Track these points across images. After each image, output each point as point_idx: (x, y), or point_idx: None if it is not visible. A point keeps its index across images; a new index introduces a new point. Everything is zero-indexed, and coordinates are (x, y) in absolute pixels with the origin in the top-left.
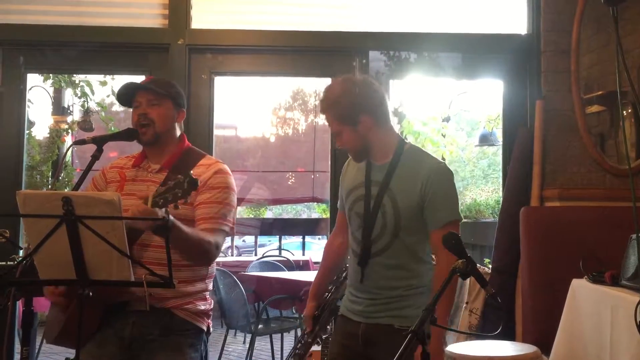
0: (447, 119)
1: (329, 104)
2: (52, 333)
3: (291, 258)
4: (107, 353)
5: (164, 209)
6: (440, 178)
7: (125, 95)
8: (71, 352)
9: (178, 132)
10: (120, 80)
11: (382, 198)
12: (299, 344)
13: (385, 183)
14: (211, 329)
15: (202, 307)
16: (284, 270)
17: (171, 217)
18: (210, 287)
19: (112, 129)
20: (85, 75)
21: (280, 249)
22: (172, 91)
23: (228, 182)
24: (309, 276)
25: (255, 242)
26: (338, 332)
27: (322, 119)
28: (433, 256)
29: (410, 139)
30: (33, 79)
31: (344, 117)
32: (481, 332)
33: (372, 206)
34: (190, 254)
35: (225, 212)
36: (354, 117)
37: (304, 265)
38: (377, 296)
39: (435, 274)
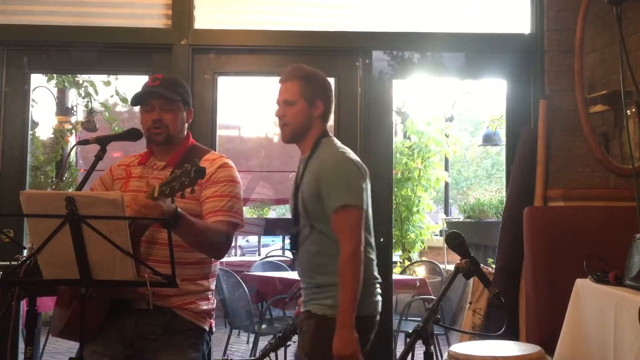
0: (450, 119)
1: (301, 75)
2: (57, 327)
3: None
4: (110, 352)
5: (169, 201)
6: (332, 166)
7: (138, 97)
8: (73, 352)
9: (186, 131)
10: (123, 81)
11: (298, 190)
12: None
13: (301, 177)
14: (214, 328)
15: (205, 307)
16: (287, 270)
17: (179, 210)
18: (213, 286)
19: (116, 129)
20: (89, 76)
21: (283, 248)
22: (182, 93)
23: (233, 176)
24: None
25: (259, 242)
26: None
27: None
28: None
29: (413, 139)
30: (37, 80)
31: (307, 93)
32: (485, 332)
33: (294, 199)
34: (202, 245)
35: (232, 205)
36: (315, 98)
37: None
38: (307, 284)
39: (340, 258)
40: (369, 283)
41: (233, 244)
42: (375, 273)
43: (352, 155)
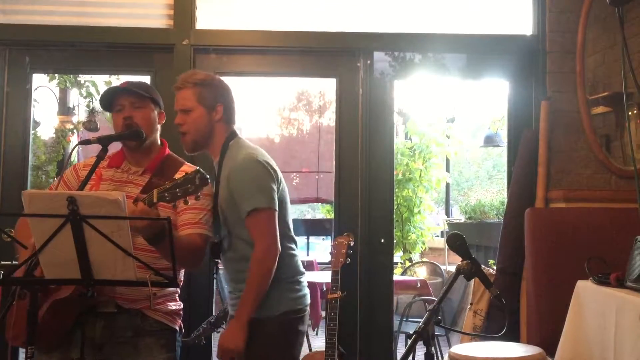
0: (451, 120)
1: (196, 81)
2: (19, 335)
3: None
4: (77, 357)
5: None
6: (240, 170)
7: (107, 99)
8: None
9: (159, 136)
10: (124, 81)
11: (217, 197)
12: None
13: (217, 183)
14: (183, 330)
15: (173, 307)
16: None
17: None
18: (179, 290)
19: None
20: (90, 76)
21: None
22: (152, 93)
23: (210, 190)
24: (314, 276)
25: None
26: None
27: (326, 120)
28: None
29: (415, 140)
30: (39, 79)
31: (205, 98)
32: (485, 333)
33: (214, 207)
34: (181, 259)
35: (208, 219)
36: (214, 102)
37: (308, 266)
38: (233, 290)
39: (252, 257)
40: (293, 280)
41: None
42: (300, 268)
43: (261, 155)
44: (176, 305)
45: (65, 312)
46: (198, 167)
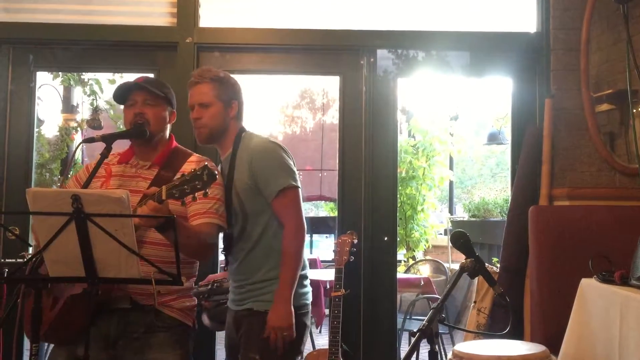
0: (455, 118)
1: (213, 77)
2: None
3: None
4: (91, 352)
5: (167, 204)
6: (262, 154)
7: (121, 93)
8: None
9: (168, 132)
10: (128, 79)
11: (231, 190)
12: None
13: (230, 176)
14: (196, 326)
15: (187, 304)
16: None
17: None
18: (192, 286)
19: (121, 127)
20: (94, 74)
21: None
22: (166, 92)
23: (219, 179)
24: (317, 274)
25: None
26: (226, 324)
27: (330, 118)
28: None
29: (418, 138)
30: (42, 77)
31: (222, 94)
32: (489, 331)
33: (227, 201)
34: (189, 250)
35: (217, 207)
36: (231, 98)
37: (311, 264)
38: (243, 282)
39: (284, 234)
40: (301, 275)
41: None
42: (306, 262)
43: (278, 142)
44: (191, 301)
45: (80, 307)
46: (205, 163)
